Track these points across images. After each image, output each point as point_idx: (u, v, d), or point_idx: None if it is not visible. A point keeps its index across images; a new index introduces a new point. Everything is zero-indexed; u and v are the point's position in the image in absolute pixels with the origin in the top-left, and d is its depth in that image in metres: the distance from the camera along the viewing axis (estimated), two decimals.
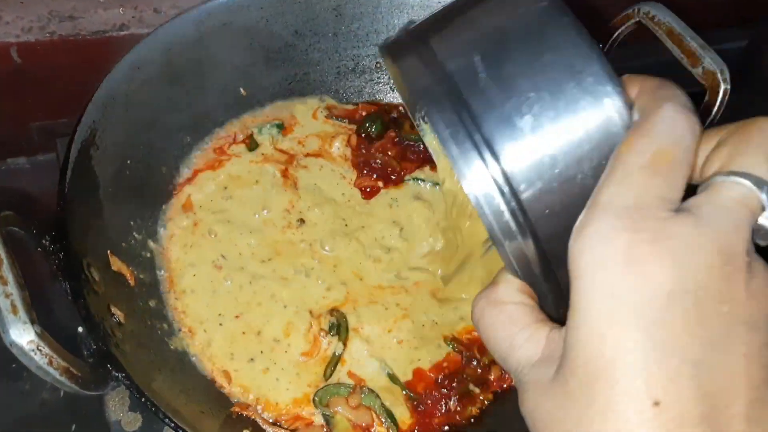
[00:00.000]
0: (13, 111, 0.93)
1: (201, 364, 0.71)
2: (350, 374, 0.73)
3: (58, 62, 0.89)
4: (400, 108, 0.94)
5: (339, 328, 0.74)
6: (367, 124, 0.90)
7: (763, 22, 0.89)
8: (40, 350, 0.49)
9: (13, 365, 0.68)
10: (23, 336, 0.48)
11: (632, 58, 0.96)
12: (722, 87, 0.70)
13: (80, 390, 0.52)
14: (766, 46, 0.90)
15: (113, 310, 0.63)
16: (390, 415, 0.70)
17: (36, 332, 0.49)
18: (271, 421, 0.68)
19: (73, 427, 0.75)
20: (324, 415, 0.69)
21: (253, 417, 0.68)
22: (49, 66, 0.89)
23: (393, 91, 0.94)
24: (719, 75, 0.70)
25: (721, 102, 0.71)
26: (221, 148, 0.85)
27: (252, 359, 0.72)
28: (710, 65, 0.70)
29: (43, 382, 0.76)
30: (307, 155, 0.87)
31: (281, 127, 0.88)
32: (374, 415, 0.70)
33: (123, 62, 0.74)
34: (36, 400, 0.77)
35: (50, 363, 0.50)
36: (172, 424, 0.54)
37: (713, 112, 0.71)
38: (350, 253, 0.80)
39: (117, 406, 0.75)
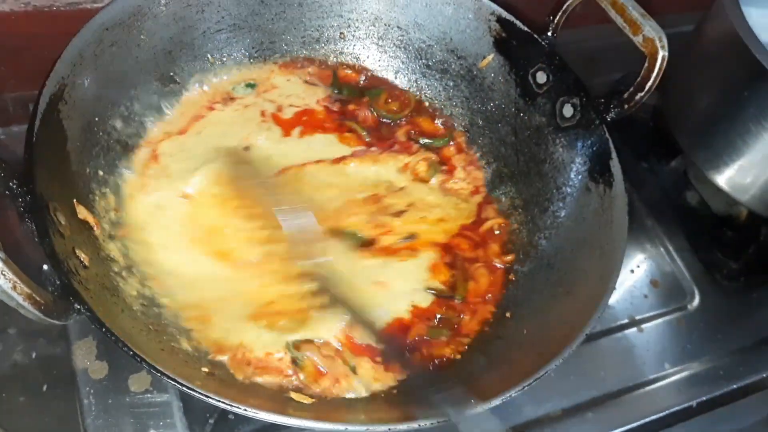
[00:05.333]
0: None
1: (168, 312, 0.73)
2: None
3: (32, 33, 0.91)
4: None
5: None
6: (336, 90, 0.96)
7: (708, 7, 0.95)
8: (4, 274, 0.51)
9: None
10: None
11: (580, 40, 1.01)
12: (660, 53, 0.75)
13: (43, 316, 0.55)
14: (709, 26, 0.95)
15: (78, 253, 0.65)
16: (353, 369, 0.73)
17: (0, 258, 0.51)
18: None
19: (45, 388, 0.76)
20: (293, 358, 0.72)
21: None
22: (24, 36, 0.91)
23: (358, 61, 0.98)
24: (658, 42, 0.74)
25: (660, 67, 0.75)
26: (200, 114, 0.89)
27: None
28: (650, 33, 0.75)
29: (13, 345, 0.79)
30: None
31: (253, 87, 0.92)
32: (342, 364, 0.73)
33: (92, 23, 0.76)
34: (8, 362, 0.78)
35: (14, 288, 0.52)
36: (131, 353, 0.57)
37: (652, 77, 0.76)
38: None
39: (84, 355, 0.77)
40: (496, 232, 0.88)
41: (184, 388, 0.57)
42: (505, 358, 0.72)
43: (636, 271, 0.98)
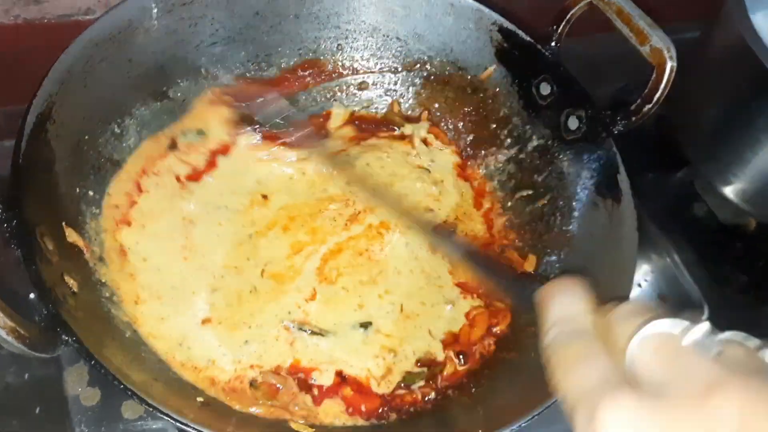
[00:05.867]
0: None
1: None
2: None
3: (23, 46, 0.89)
4: None
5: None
6: None
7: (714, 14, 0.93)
8: None
9: None
10: None
11: (583, 48, 0.99)
12: (669, 64, 0.72)
13: (28, 350, 0.52)
14: (716, 34, 0.93)
15: (67, 279, 0.63)
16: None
17: None
18: None
19: (37, 410, 0.75)
20: (251, 380, 0.70)
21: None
22: (14, 50, 0.89)
23: (355, 72, 0.96)
24: (666, 52, 0.72)
25: (668, 79, 0.73)
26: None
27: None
28: (657, 43, 0.73)
29: (6, 366, 0.77)
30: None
31: (202, 134, 0.87)
32: (293, 381, 0.71)
33: (81, 38, 0.74)
34: (0, 384, 0.76)
35: None
36: (122, 386, 0.55)
37: (660, 89, 0.73)
38: None
39: (76, 381, 0.75)
40: None
41: (177, 423, 0.54)
42: (514, 381, 0.70)
43: (643, 285, 0.96)
